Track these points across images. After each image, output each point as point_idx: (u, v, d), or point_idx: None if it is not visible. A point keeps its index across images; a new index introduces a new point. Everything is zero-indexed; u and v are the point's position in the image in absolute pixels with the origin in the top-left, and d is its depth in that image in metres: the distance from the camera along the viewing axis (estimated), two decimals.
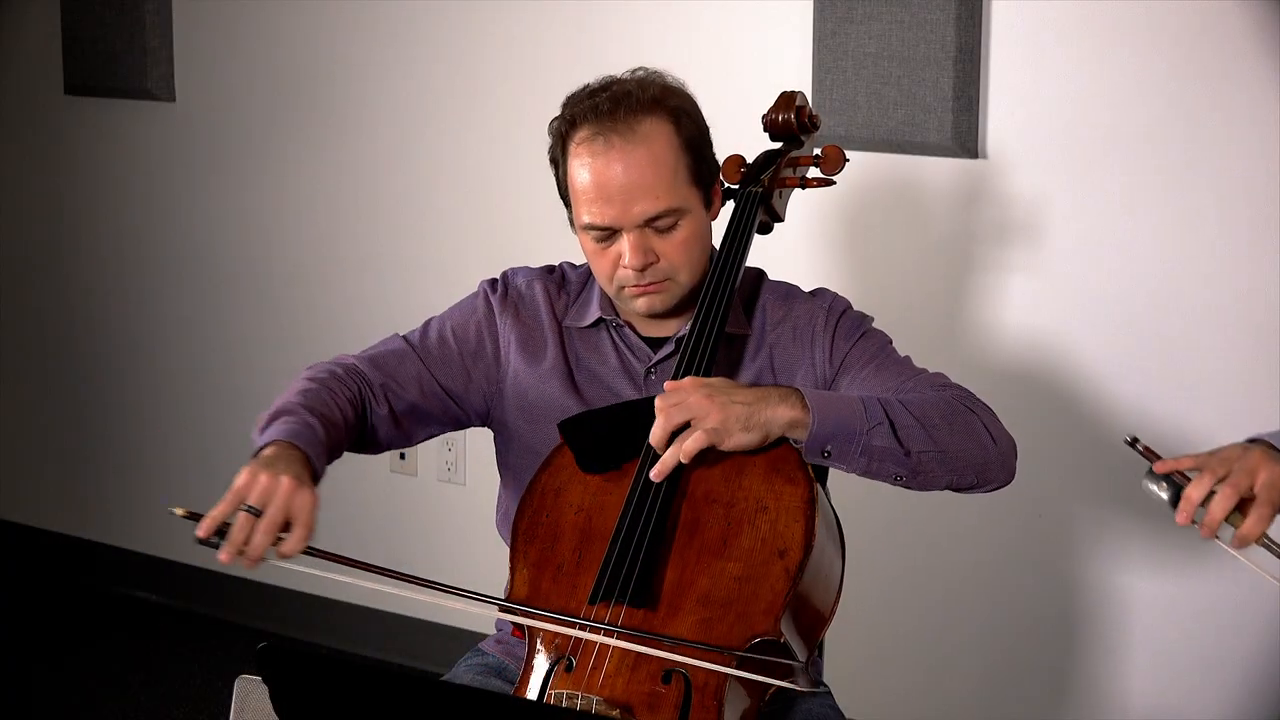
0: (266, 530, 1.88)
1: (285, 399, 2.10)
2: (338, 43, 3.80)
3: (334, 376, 2.18)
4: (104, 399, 4.31)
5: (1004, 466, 2.11)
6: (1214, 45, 2.81)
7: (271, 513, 1.88)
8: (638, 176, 2.10)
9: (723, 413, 1.97)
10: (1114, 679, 3.05)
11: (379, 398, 2.20)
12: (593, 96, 2.15)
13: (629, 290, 2.16)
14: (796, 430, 2.00)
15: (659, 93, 2.15)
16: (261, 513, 1.88)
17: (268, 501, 1.89)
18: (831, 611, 2.05)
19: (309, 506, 1.91)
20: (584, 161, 2.13)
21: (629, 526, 1.97)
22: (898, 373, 2.17)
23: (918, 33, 3.01)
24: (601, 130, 2.12)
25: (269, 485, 1.89)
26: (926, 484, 2.07)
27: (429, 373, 2.24)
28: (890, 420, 2.02)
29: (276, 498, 1.89)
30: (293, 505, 1.90)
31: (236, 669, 2.17)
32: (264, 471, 1.91)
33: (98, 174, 4.22)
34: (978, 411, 2.11)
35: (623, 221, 2.11)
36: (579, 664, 1.94)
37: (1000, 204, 3.04)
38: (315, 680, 1.65)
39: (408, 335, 2.28)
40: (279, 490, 1.89)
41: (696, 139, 2.17)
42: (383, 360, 2.23)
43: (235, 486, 1.90)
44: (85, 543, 4.39)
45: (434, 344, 2.26)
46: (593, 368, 2.24)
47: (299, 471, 1.94)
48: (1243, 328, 2.85)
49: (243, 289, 4.03)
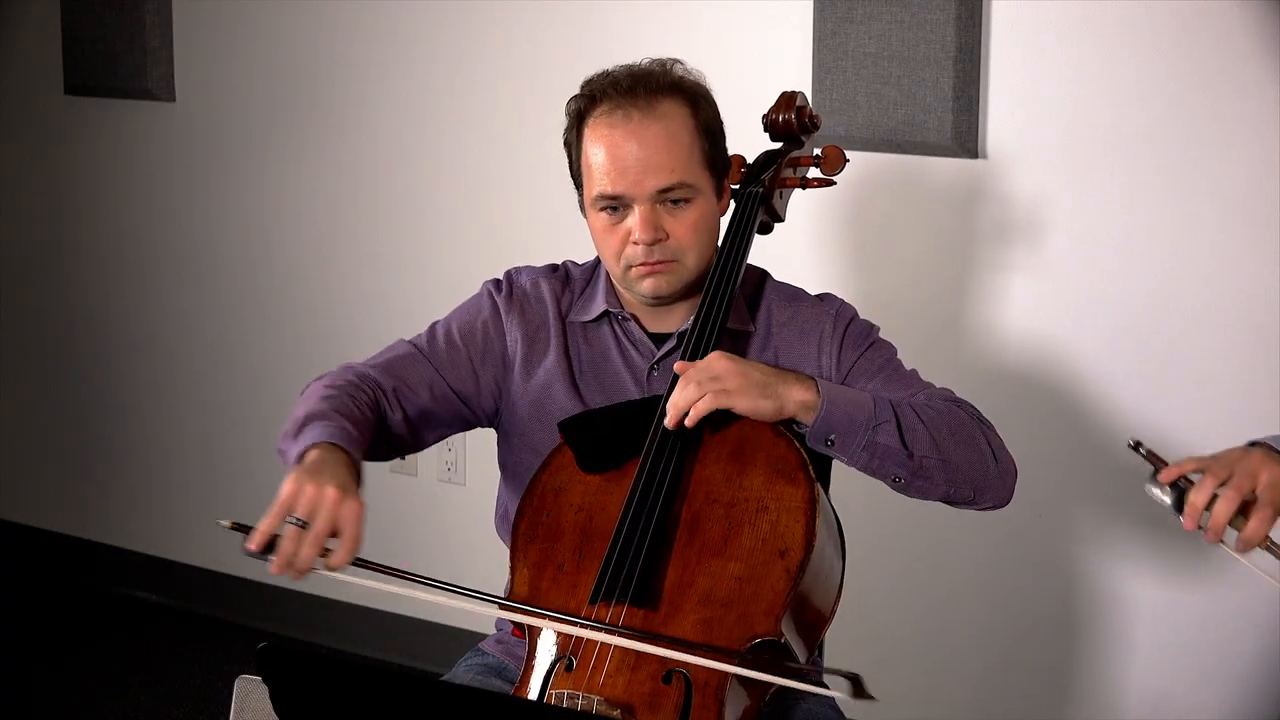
0: (314, 543, 1.86)
1: (310, 405, 2.08)
2: (338, 42, 3.80)
3: (350, 383, 2.17)
4: (104, 399, 4.31)
5: (1002, 486, 2.14)
6: (1214, 46, 2.81)
7: (319, 525, 1.86)
8: (653, 151, 2.12)
9: (743, 377, 2.01)
10: (1114, 679, 3.05)
11: (392, 403, 2.20)
12: (612, 76, 2.18)
13: (635, 270, 2.16)
14: (807, 412, 2.03)
15: (678, 77, 2.18)
16: (308, 524, 1.86)
17: (314, 513, 1.87)
18: (832, 612, 2.05)
19: (356, 517, 1.88)
20: (601, 134, 2.14)
21: (629, 526, 1.98)
22: (906, 384, 2.19)
23: (918, 33, 3.01)
24: (621, 105, 2.14)
25: (315, 496, 1.87)
26: (925, 490, 2.09)
27: (439, 376, 2.23)
28: (898, 420, 2.05)
29: (323, 509, 1.87)
30: (340, 516, 1.87)
31: (236, 669, 2.17)
32: (309, 481, 1.89)
33: (98, 174, 4.22)
34: (984, 428, 2.14)
35: (635, 193, 2.12)
36: (579, 663, 1.94)
37: (1000, 204, 3.04)
38: (315, 680, 1.65)
39: (414, 340, 2.28)
40: (325, 501, 1.87)
41: (713, 125, 2.19)
42: (393, 366, 2.23)
43: (281, 497, 1.88)
44: (85, 543, 4.39)
45: (442, 347, 2.26)
46: (595, 364, 2.24)
47: (345, 479, 1.92)
48: (1243, 327, 2.85)
49: (242, 288, 4.03)
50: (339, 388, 2.14)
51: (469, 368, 2.25)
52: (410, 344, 2.27)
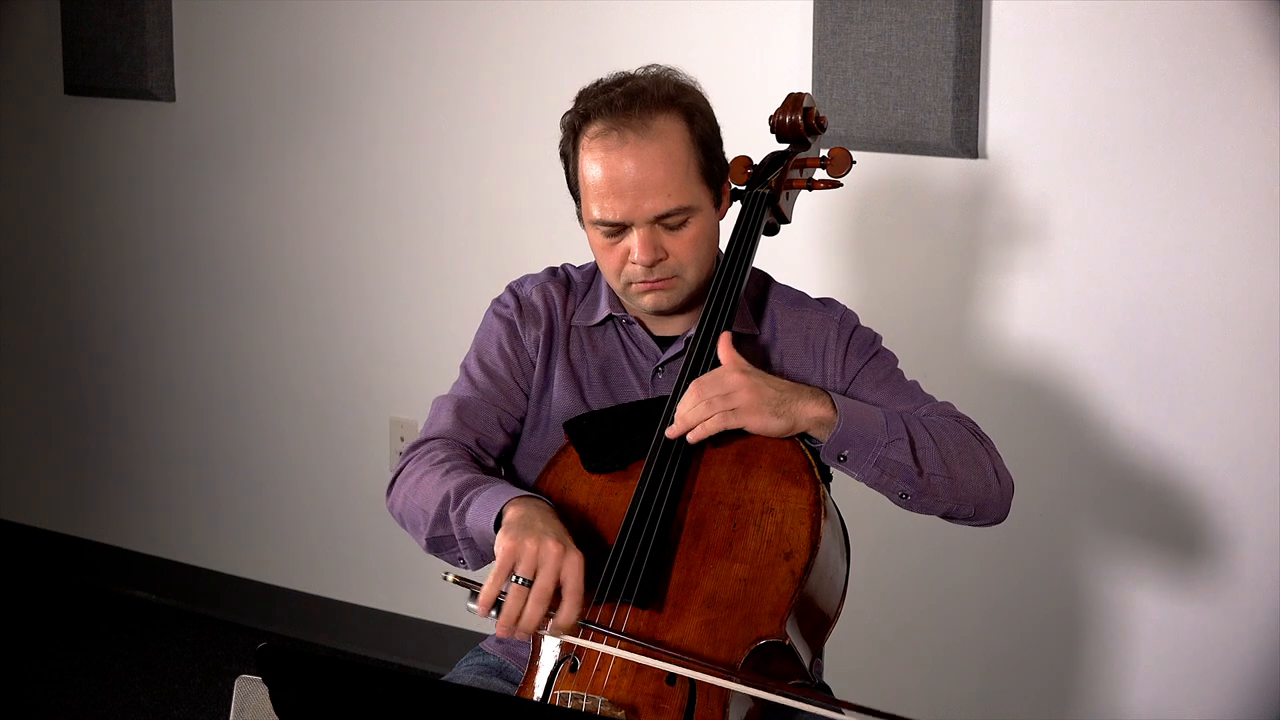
0: (538, 600, 1.85)
1: (448, 483, 2.05)
2: (338, 42, 3.80)
3: (451, 453, 2.14)
4: (104, 399, 4.31)
5: (1002, 504, 2.16)
6: (1214, 45, 2.81)
7: (542, 582, 1.85)
8: (650, 173, 2.10)
9: (754, 393, 2.00)
10: (1114, 680, 3.05)
11: (482, 454, 2.19)
12: (606, 91, 2.15)
13: (636, 287, 2.16)
14: (821, 429, 2.02)
15: (673, 90, 2.15)
16: (532, 583, 1.85)
17: (537, 570, 1.85)
18: (836, 614, 2.05)
19: (578, 572, 1.86)
20: (596, 156, 2.12)
21: (634, 527, 1.98)
22: (910, 397, 2.20)
23: (918, 33, 3.01)
24: (615, 125, 2.11)
25: (535, 552, 1.86)
26: (929, 506, 2.10)
27: (502, 410, 2.22)
28: (910, 437, 2.06)
29: (546, 566, 1.85)
30: (563, 572, 1.86)
31: (236, 669, 2.17)
32: (528, 537, 1.87)
33: (98, 174, 4.21)
34: (985, 446, 2.15)
35: (633, 217, 2.11)
36: (583, 664, 1.93)
37: (1000, 204, 3.04)
38: (315, 680, 1.65)
39: (455, 392, 2.25)
40: (548, 557, 1.86)
41: (709, 137, 2.17)
42: (461, 420, 2.20)
43: (501, 556, 1.86)
44: (85, 543, 4.39)
45: (486, 383, 2.24)
46: (600, 367, 2.24)
47: (559, 530, 1.90)
48: (1244, 327, 2.85)
49: (242, 288, 4.03)
50: (448, 459, 2.11)
51: (515, 389, 2.24)
52: (455, 397, 2.24)
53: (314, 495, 3.97)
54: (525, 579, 1.85)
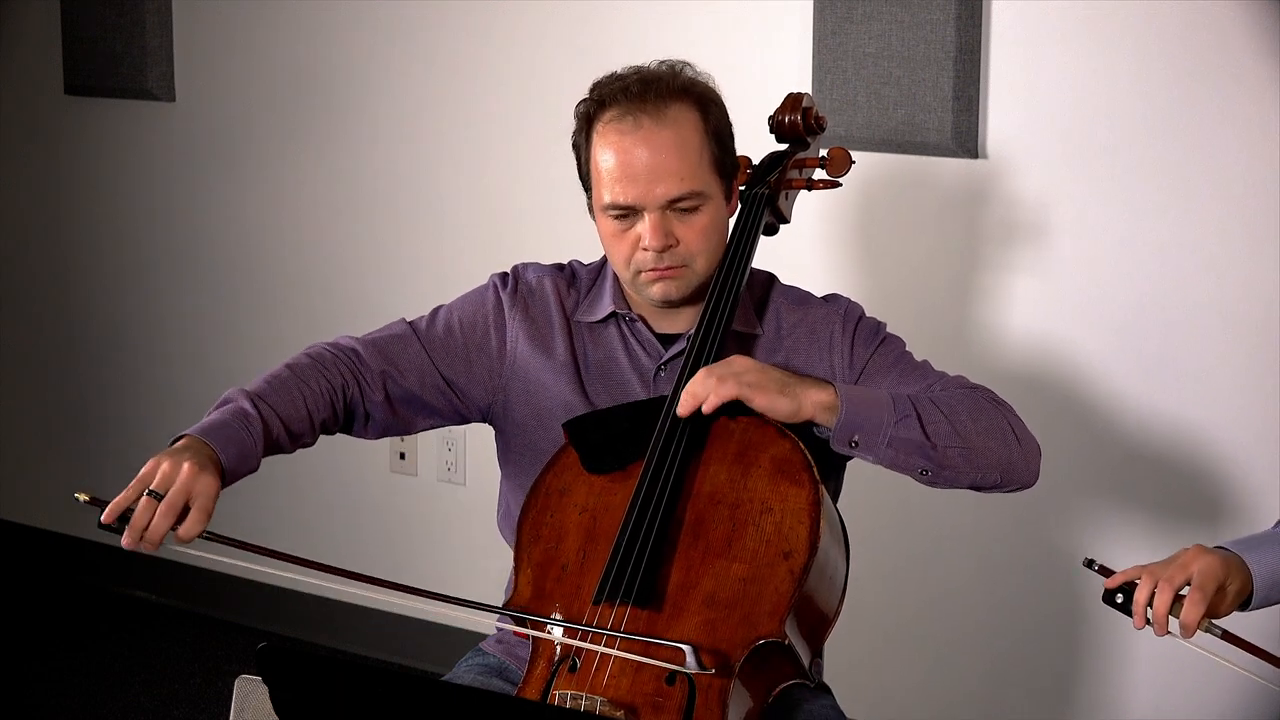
0: (165, 513, 1.95)
1: (254, 383, 2.17)
2: (338, 42, 3.80)
3: (322, 362, 2.21)
4: (103, 399, 4.31)
5: (1028, 467, 2.15)
6: (1214, 45, 2.81)
7: (171, 496, 1.95)
8: (664, 158, 2.11)
9: (762, 374, 2.03)
10: (1114, 679, 3.05)
11: (374, 384, 2.21)
12: (621, 80, 2.17)
13: (645, 275, 2.16)
14: (828, 414, 2.03)
15: (688, 81, 2.17)
16: (163, 497, 1.94)
17: (169, 486, 1.95)
18: (836, 613, 2.05)
19: (209, 491, 1.97)
20: (610, 141, 2.13)
21: (634, 527, 1.98)
22: (922, 376, 2.20)
23: (918, 33, 3.01)
24: (630, 111, 2.13)
25: (170, 471, 1.96)
26: (952, 480, 2.09)
27: (430, 361, 2.24)
28: (918, 413, 2.06)
29: (178, 482, 1.95)
30: (193, 489, 1.96)
31: (236, 669, 2.17)
32: (168, 459, 1.98)
33: (98, 174, 4.21)
34: (1003, 410, 2.14)
35: (645, 201, 2.12)
36: (583, 665, 1.94)
37: (1000, 204, 3.04)
38: (315, 680, 1.65)
39: (414, 321, 2.28)
40: (180, 475, 1.95)
41: (722, 130, 2.18)
42: (384, 345, 2.24)
43: (140, 474, 1.98)
44: (85, 543, 4.38)
45: (439, 333, 2.26)
46: (601, 364, 2.24)
47: (204, 461, 1.99)
48: (1244, 326, 2.85)
49: (243, 288, 4.03)
50: (302, 367, 2.21)
51: (463, 358, 2.25)
52: (409, 325, 2.27)
53: (314, 495, 3.97)
54: (157, 492, 1.94)
